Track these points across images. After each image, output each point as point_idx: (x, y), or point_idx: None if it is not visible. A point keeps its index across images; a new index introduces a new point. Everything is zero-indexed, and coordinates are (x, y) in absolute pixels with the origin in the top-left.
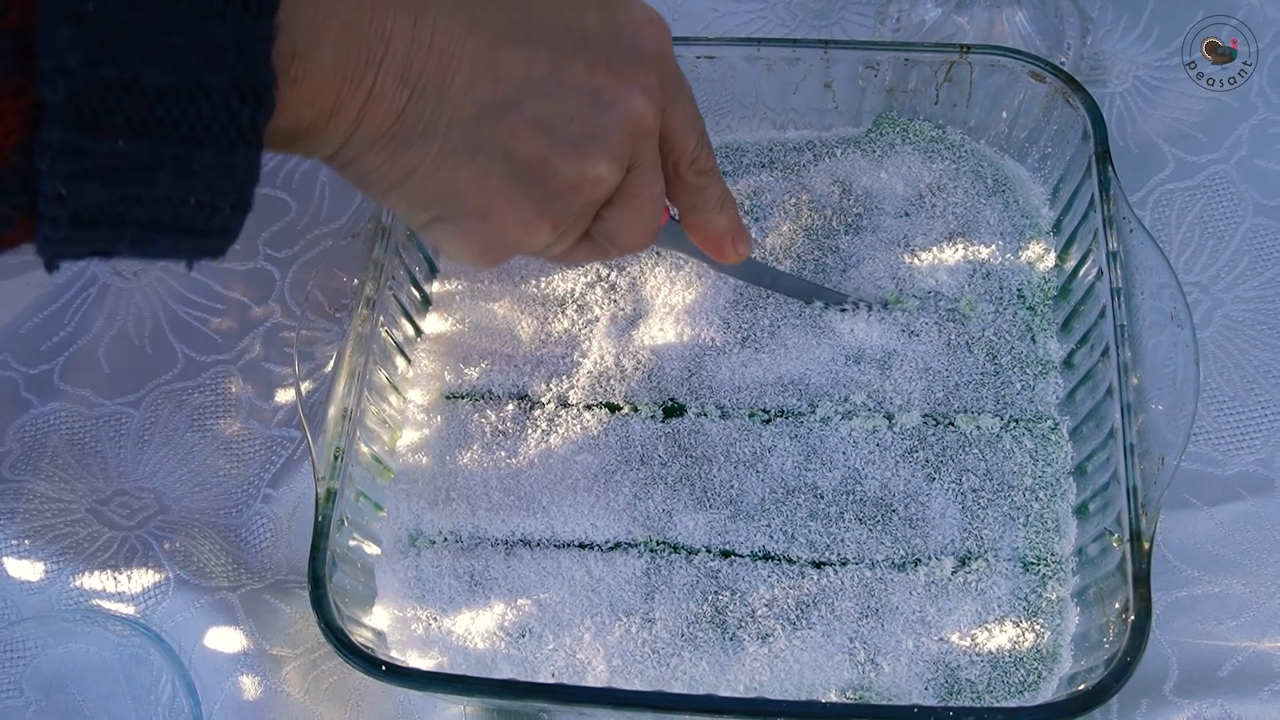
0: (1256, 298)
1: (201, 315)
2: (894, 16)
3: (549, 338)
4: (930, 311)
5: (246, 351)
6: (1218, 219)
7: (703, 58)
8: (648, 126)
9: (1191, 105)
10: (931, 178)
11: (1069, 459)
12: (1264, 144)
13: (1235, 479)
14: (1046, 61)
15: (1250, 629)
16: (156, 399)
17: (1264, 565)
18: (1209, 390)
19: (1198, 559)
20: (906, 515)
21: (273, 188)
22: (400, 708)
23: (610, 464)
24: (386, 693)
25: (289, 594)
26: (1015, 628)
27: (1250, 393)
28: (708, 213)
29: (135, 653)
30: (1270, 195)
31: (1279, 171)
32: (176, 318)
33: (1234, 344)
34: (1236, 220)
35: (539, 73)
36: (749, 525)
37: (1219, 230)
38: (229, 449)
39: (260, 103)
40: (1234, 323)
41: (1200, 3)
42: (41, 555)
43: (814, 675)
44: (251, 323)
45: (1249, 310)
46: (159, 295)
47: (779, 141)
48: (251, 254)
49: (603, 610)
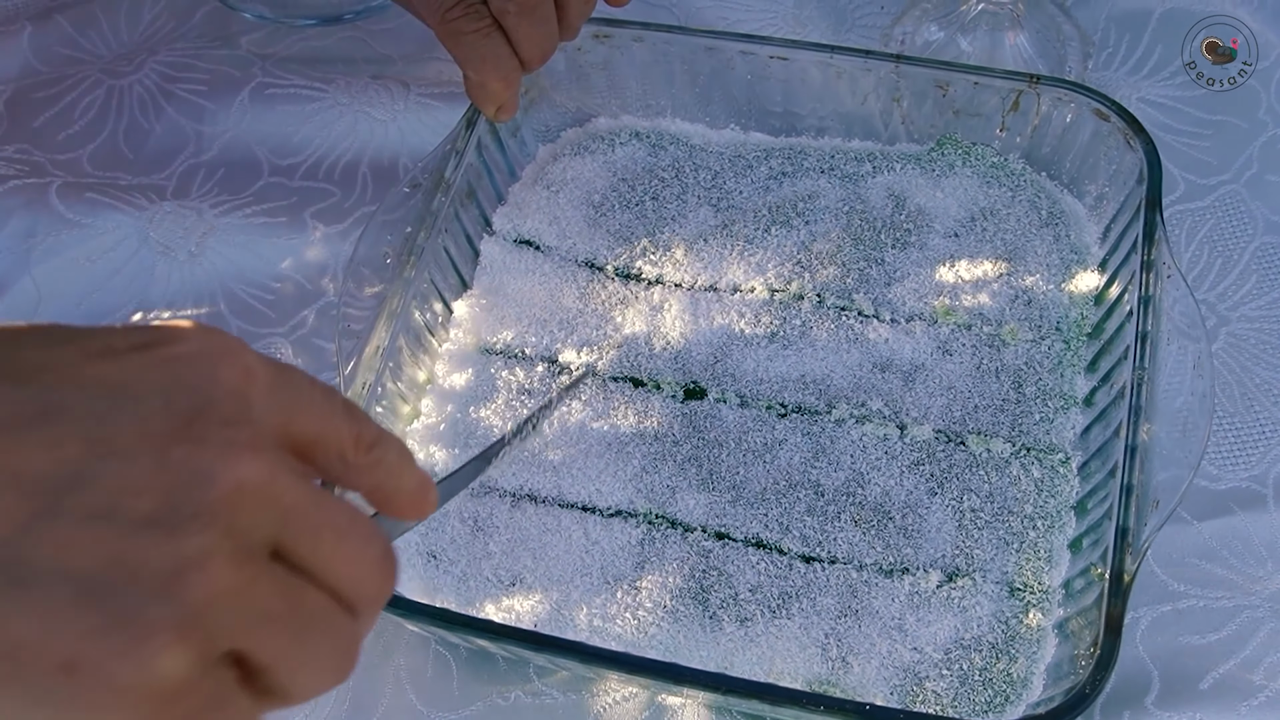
0: (1262, 316)
1: (257, 292)
2: (898, 39)
3: (586, 308)
4: (970, 333)
5: (300, 326)
6: (1227, 237)
7: (775, 58)
8: (262, 478)
9: (1199, 128)
10: (987, 202)
11: (1074, 493)
12: (1275, 159)
13: (1228, 494)
14: (1113, 101)
15: (1233, 643)
16: None
17: (1250, 580)
18: None
19: (1185, 572)
20: (903, 524)
21: (315, 180)
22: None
23: (625, 435)
24: (392, 675)
25: None
26: (990, 649)
27: (1250, 409)
28: (396, 480)
29: None
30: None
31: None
32: (233, 294)
33: (1237, 361)
34: (1246, 238)
35: (73, 453)
36: (747, 511)
37: (1228, 249)
38: None
39: None
40: (1239, 340)
41: (1201, 26)
42: None
43: (784, 664)
44: (308, 297)
45: (1254, 329)
46: (217, 273)
47: (842, 150)
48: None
49: (594, 572)
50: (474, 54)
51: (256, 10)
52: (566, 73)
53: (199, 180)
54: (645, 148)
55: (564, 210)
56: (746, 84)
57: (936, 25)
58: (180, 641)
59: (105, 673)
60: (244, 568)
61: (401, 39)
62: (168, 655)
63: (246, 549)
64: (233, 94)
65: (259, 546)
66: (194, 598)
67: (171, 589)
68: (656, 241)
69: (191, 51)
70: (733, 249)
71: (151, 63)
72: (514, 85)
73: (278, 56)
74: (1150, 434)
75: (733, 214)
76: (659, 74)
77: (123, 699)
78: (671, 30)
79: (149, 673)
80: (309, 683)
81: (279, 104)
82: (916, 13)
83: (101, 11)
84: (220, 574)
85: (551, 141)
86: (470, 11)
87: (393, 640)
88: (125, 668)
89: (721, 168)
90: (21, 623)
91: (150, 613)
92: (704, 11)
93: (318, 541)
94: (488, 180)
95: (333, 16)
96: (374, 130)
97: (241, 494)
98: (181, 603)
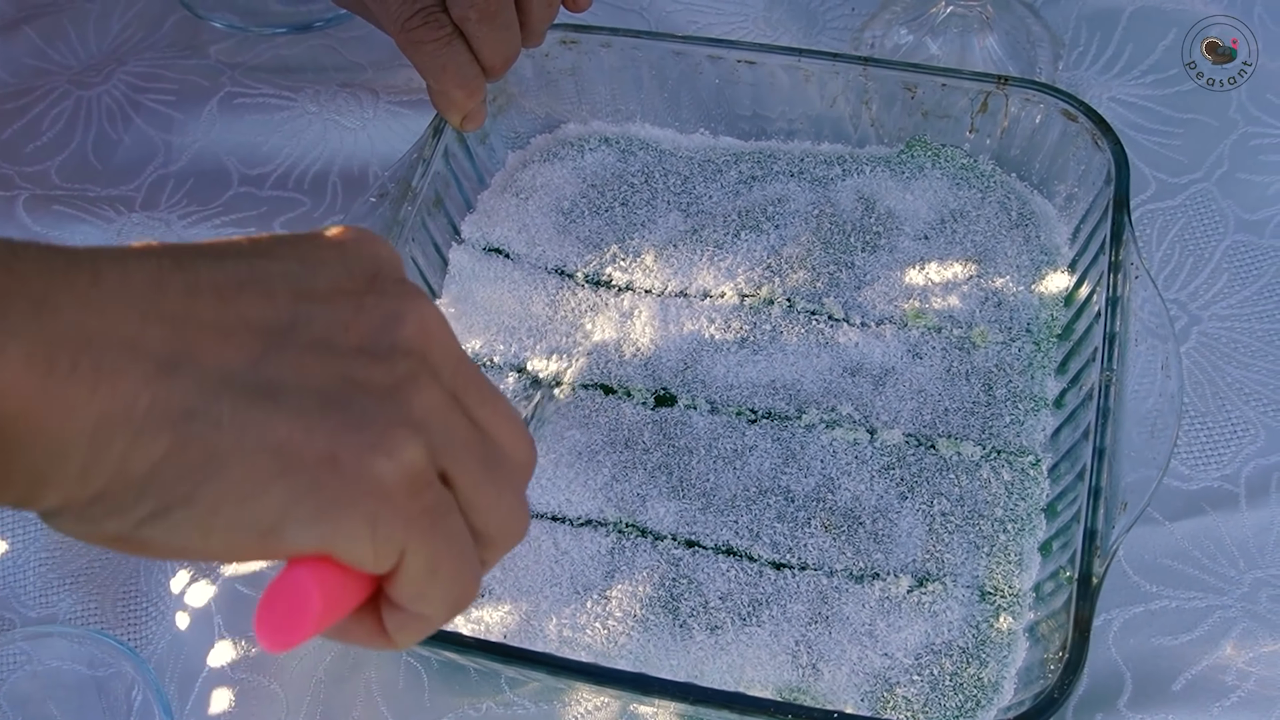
0: (1233, 315)
1: None
2: (868, 42)
3: (556, 315)
4: (940, 336)
5: None
6: (1199, 236)
7: (744, 62)
8: (439, 319)
9: (1170, 127)
10: (956, 204)
11: (1044, 496)
12: (1245, 157)
13: (1200, 494)
14: (1081, 101)
15: (1205, 644)
16: None
17: (1222, 580)
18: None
19: (1156, 573)
20: (873, 529)
21: (285, 189)
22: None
23: (595, 443)
24: (363, 687)
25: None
26: (961, 654)
27: (1222, 409)
28: None
29: (105, 661)
30: (1252, 209)
31: (1261, 183)
32: None
33: (1209, 360)
34: (1218, 237)
35: (284, 303)
36: (717, 519)
37: (1199, 247)
38: None
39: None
40: (1210, 339)
41: (1173, 22)
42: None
43: (754, 671)
44: None
45: (1225, 327)
46: None
47: (811, 153)
48: None
49: (563, 582)
50: (435, 63)
51: (226, 19)
52: (535, 79)
53: (168, 191)
54: (615, 153)
55: (533, 217)
56: (715, 88)
57: (906, 28)
58: (415, 437)
59: (363, 463)
60: (444, 392)
61: (372, 46)
62: (411, 447)
63: (440, 378)
64: (201, 104)
65: (447, 379)
66: (414, 407)
67: (397, 399)
68: (626, 248)
69: (160, 61)
70: (702, 254)
71: (120, 73)
72: (477, 94)
73: (247, 65)
74: (1118, 436)
75: (702, 219)
76: (628, 79)
77: (377, 487)
78: (639, 35)
79: (398, 461)
80: (495, 520)
81: (248, 113)
82: (886, 16)
83: (70, 22)
84: (430, 391)
85: (521, 148)
86: (430, 20)
87: (364, 652)
88: (378, 458)
89: (691, 172)
90: (283, 424)
91: (388, 413)
92: (674, 15)
93: (482, 394)
94: (456, 188)
95: (303, 24)
96: (344, 139)
97: (427, 330)
98: (408, 409)
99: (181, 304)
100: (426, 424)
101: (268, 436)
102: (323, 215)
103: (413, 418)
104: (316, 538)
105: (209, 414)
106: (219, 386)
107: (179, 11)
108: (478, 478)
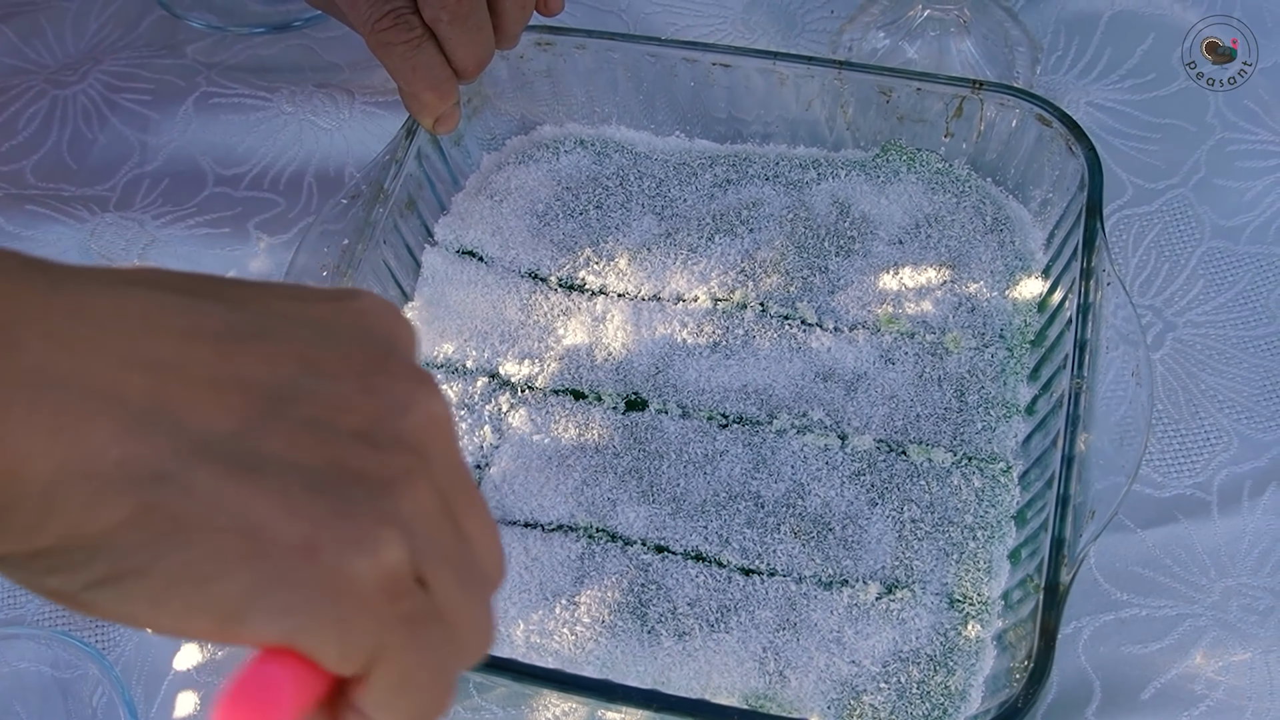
0: (1208, 321)
1: None
2: (846, 45)
3: (529, 319)
4: (913, 341)
5: None
6: (1174, 242)
7: (719, 64)
8: (446, 415)
9: (1147, 132)
10: (931, 209)
11: (1014, 503)
12: (1223, 162)
13: (1171, 501)
14: (1055, 106)
15: (1174, 652)
16: None
17: (1193, 589)
18: (1154, 413)
19: (1127, 581)
20: (842, 535)
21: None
22: None
23: (566, 448)
24: None
25: None
26: (929, 661)
27: (1195, 416)
28: None
29: (71, 662)
30: (1228, 215)
31: (1237, 189)
32: None
33: (1183, 367)
34: (1194, 243)
35: (288, 368)
36: (687, 524)
37: (1175, 253)
38: None
39: None
40: (1185, 346)
41: (1151, 26)
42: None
43: (721, 678)
44: None
45: (1200, 334)
46: None
47: (787, 156)
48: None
49: (532, 588)
50: (405, 65)
51: (203, 19)
52: (510, 80)
53: (143, 191)
54: (590, 155)
55: (508, 220)
56: (691, 90)
57: (883, 32)
58: (402, 538)
59: (343, 558)
60: (436, 494)
61: (349, 47)
62: (395, 547)
63: (435, 479)
64: (177, 103)
65: (441, 481)
66: (404, 506)
67: (389, 494)
68: (600, 251)
69: (137, 60)
70: (676, 258)
71: (96, 72)
72: (449, 96)
73: (223, 65)
74: (1088, 443)
75: (677, 222)
76: (603, 81)
77: (353, 587)
78: (614, 37)
79: (379, 561)
80: (464, 631)
81: (223, 113)
82: (864, 19)
83: (47, 21)
84: (423, 493)
85: (496, 150)
86: (400, 22)
87: None
88: (360, 555)
89: (666, 175)
90: (262, 504)
91: (377, 508)
92: (652, 17)
93: (471, 502)
94: (429, 190)
95: (281, 24)
96: (319, 139)
97: (431, 426)
98: (397, 507)
99: (174, 350)
100: (413, 526)
101: (243, 514)
102: (298, 216)
103: (401, 517)
104: (280, 632)
105: (181, 480)
106: (198, 451)
107: (156, 11)
108: (453, 588)
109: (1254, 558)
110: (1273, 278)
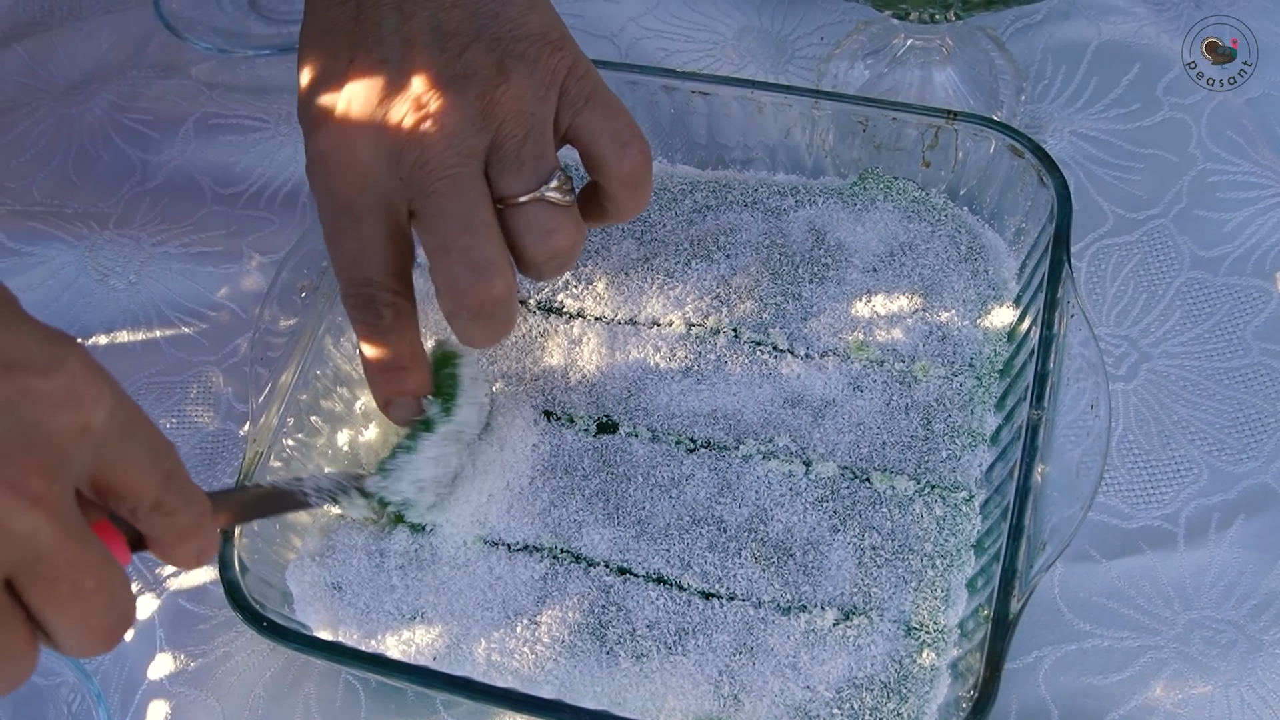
0: (1183, 353)
1: (192, 320)
2: (832, 74)
3: (507, 341)
4: (882, 369)
5: (232, 354)
6: (1153, 272)
7: (698, 93)
8: (26, 530)
9: (1130, 161)
10: (907, 237)
11: (975, 531)
12: (1203, 193)
13: (1138, 533)
14: (1027, 138)
15: (1134, 684)
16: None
17: (1155, 620)
18: (1125, 443)
19: (1090, 611)
20: (803, 561)
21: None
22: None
23: (536, 469)
24: (301, 703)
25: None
26: (882, 688)
27: (1166, 448)
28: (172, 545)
29: (50, 670)
30: (1208, 245)
31: (1218, 220)
32: (168, 322)
33: (1156, 399)
34: (1172, 274)
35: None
36: (650, 547)
37: (1153, 284)
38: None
39: None
40: (1159, 377)
41: (1137, 56)
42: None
43: (676, 700)
44: (243, 325)
45: (1174, 365)
46: (154, 301)
47: (766, 183)
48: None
49: (495, 607)
50: (366, 345)
51: (208, 40)
52: None
53: (143, 209)
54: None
55: None
56: (671, 117)
57: (868, 60)
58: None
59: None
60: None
61: None
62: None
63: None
64: (178, 124)
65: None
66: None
67: None
68: (579, 274)
69: (142, 81)
70: (653, 282)
71: (103, 92)
72: (402, 387)
73: (225, 86)
74: (1044, 475)
75: (655, 247)
76: None
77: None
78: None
79: None
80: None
81: (222, 134)
82: (850, 47)
83: (59, 41)
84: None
85: None
86: (369, 305)
87: (304, 669)
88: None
89: None
90: None
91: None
92: (644, 42)
93: (52, 591)
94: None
95: (285, 46)
96: None
97: (5, 535)
98: None
99: None
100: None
101: None
102: (291, 233)
103: None
104: None
105: None
106: None
107: (163, 33)
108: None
109: (1219, 590)
110: (1250, 309)
